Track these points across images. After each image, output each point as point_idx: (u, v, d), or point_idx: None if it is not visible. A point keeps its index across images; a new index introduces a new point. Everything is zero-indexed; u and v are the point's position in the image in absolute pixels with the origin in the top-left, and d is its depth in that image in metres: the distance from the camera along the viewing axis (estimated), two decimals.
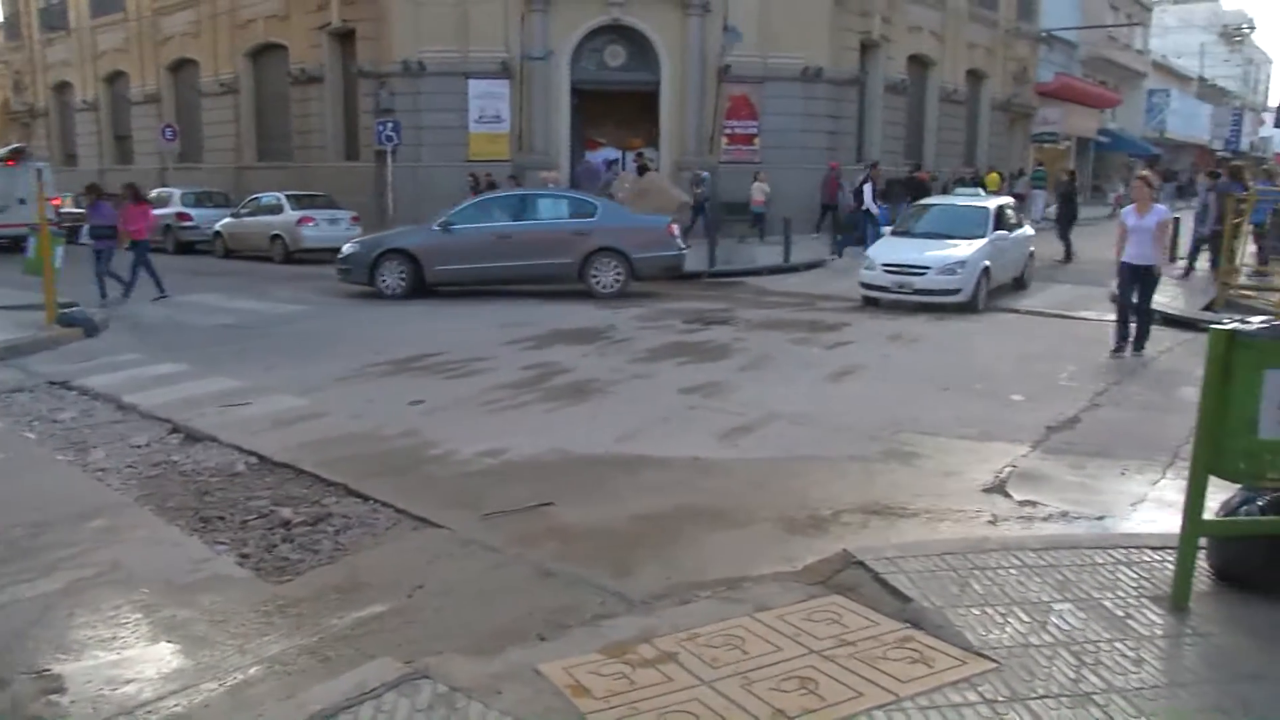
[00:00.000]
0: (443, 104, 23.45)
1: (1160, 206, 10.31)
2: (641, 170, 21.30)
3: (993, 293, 14.02)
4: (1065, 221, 20.56)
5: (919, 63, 30.37)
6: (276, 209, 21.45)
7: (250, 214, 22.15)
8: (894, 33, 28.08)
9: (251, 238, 21.82)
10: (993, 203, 15.46)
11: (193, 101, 31.27)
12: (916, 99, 30.55)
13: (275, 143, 28.88)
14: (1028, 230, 16.67)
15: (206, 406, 7.96)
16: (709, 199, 22.40)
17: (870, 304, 14.08)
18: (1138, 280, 10.17)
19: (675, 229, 15.34)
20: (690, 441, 6.94)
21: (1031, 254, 16.15)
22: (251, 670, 3.82)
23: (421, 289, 14.81)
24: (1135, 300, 10.25)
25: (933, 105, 31.28)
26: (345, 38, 25.83)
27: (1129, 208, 10.54)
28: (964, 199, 16.32)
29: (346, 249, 15.49)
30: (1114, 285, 11.17)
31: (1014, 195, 23.38)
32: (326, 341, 11.23)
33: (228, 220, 22.62)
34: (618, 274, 14.78)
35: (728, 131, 24.27)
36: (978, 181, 25.14)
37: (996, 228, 14.39)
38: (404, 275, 14.74)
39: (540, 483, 6.04)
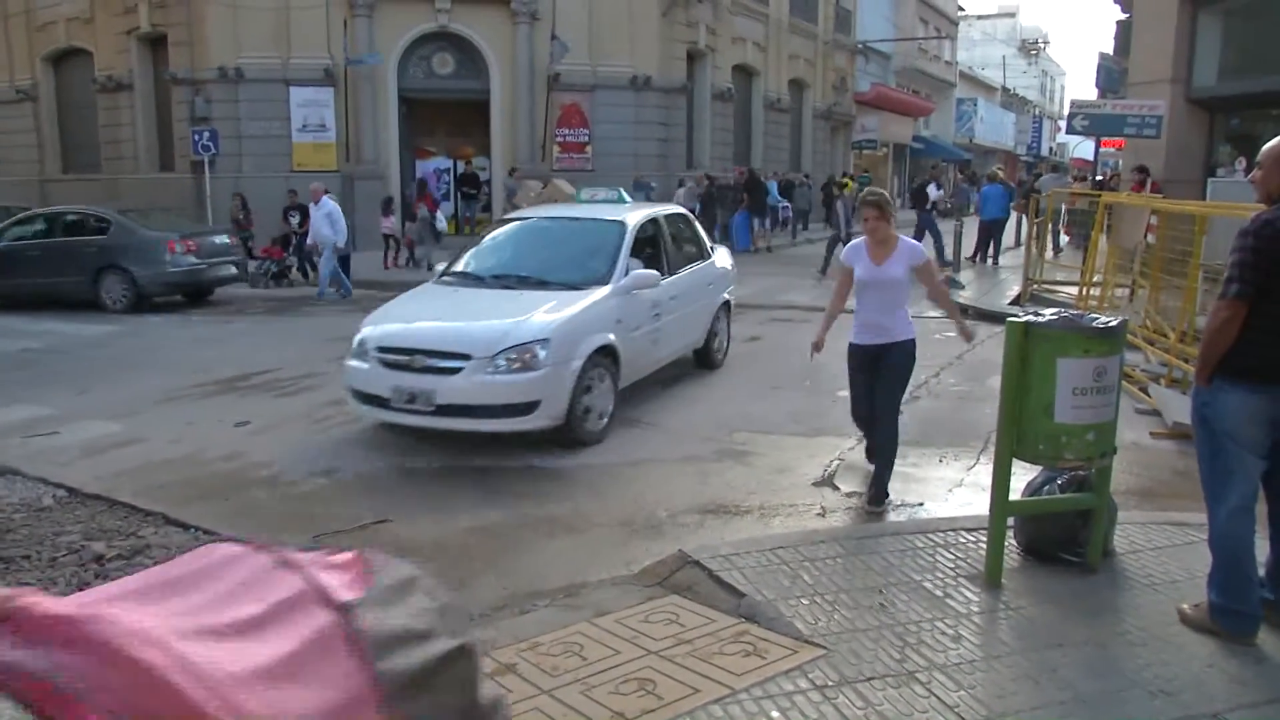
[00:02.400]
0: (264, 112, 22.58)
1: (911, 242, 5.84)
2: (468, 179, 21.11)
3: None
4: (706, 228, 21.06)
5: (744, 72, 31.21)
6: None
7: None
8: (719, 43, 28.77)
9: None
10: (633, 215, 8.51)
11: None
12: (743, 107, 31.39)
13: (82, 154, 27.14)
14: (719, 263, 9.93)
15: (9, 438, 7.40)
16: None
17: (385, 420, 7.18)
18: (876, 374, 5.82)
19: (175, 246, 14.59)
20: (527, 449, 6.91)
21: (726, 305, 9.88)
22: None
23: None
24: (875, 402, 5.83)
25: (759, 113, 32.21)
26: (156, 43, 24.50)
27: (856, 244, 5.92)
28: (588, 207, 9.30)
29: None
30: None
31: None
32: (145, 362, 10.63)
33: None
34: (125, 291, 14.50)
35: (560, 140, 24.31)
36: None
37: (643, 261, 8.16)
38: None
39: (375, 499, 5.90)
